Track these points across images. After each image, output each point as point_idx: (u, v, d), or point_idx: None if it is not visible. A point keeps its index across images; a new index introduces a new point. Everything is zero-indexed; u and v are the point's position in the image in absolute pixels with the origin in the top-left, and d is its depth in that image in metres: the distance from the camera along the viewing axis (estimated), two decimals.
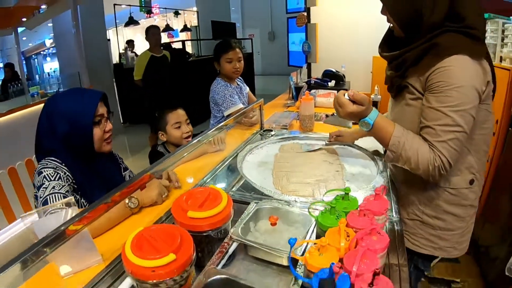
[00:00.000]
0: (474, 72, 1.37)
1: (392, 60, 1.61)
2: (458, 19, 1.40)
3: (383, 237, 1.04)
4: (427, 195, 1.66)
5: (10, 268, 0.88)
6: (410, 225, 1.75)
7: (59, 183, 1.65)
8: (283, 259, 1.22)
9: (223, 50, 3.28)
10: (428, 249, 1.74)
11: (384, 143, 1.51)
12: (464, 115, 1.36)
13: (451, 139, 1.38)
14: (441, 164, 1.39)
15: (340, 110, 1.52)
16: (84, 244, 1.28)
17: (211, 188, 1.35)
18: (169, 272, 0.97)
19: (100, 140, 1.84)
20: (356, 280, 0.88)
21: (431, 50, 1.42)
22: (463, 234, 1.72)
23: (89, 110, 1.76)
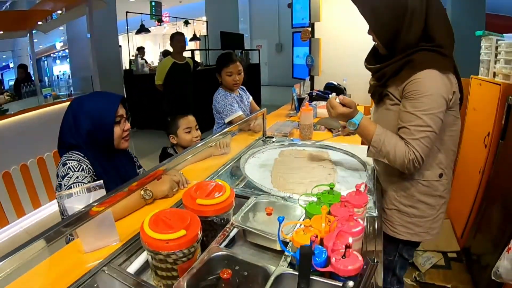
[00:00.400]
0: (442, 83, 1.66)
1: (375, 72, 1.88)
2: (430, 39, 1.69)
3: (358, 223, 1.25)
4: (403, 186, 1.93)
5: (37, 241, 1.08)
6: (389, 214, 2.01)
7: (82, 174, 1.86)
8: (277, 245, 1.42)
9: (224, 64, 3.52)
10: (405, 235, 1.99)
11: (367, 139, 1.79)
12: (433, 118, 1.65)
13: (423, 137, 1.66)
14: (414, 158, 1.66)
15: (332, 111, 1.82)
16: (106, 224, 1.50)
17: (217, 182, 1.56)
18: (180, 245, 1.18)
19: (119, 138, 2.07)
20: (332, 254, 1.09)
21: (407, 65, 1.71)
22: (435, 221, 1.98)
23: (111, 110, 2.00)
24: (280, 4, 18.25)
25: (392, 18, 1.70)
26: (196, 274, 1.20)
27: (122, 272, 1.32)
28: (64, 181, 1.83)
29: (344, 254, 1.08)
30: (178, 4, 18.56)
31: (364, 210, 1.45)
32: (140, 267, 1.42)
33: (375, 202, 1.79)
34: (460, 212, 3.53)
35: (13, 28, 8.41)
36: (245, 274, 1.24)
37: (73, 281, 1.26)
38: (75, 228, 1.24)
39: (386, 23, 1.72)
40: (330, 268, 1.08)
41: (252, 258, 1.30)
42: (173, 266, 1.22)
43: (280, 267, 1.21)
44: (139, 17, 12.72)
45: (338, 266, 1.06)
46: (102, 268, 1.34)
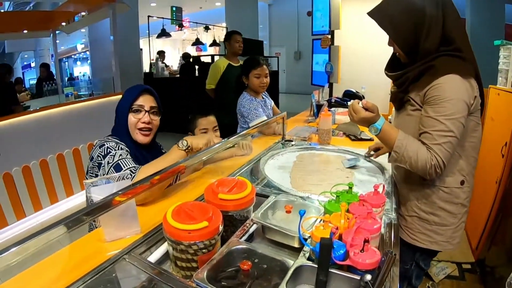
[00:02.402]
0: (463, 88, 1.67)
1: (397, 79, 1.90)
2: (449, 42, 1.70)
3: (376, 221, 1.28)
4: (424, 193, 1.92)
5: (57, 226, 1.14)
6: (409, 221, 2.00)
7: (124, 152, 1.94)
8: (295, 241, 1.44)
9: (252, 66, 3.57)
10: (425, 243, 1.97)
11: (389, 145, 1.78)
12: (455, 123, 1.65)
13: (445, 142, 1.65)
14: (436, 163, 1.65)
15: (354, 115, 1.80)
16: (129, 214, 1.54)
17: (239, 179, 1.60)
18: (202, 235, 1.21)
19: (133, 127, 2.10)
20: (350, 248, 1.12)
21: (428, 70, 1.72)
22: (456, 230, 1.96)
23: (129, 97, 2.09)
24: (300, 12, 18.30)
25: (411, 27, 1.73)
26: (216, 265, 1.23)
27: (142, 260, 1.35)
28: (107, 159, 1.89)
29: (362, 248, 1.10)
30: (198, 10, 18.71)
31: (382, 210, 1.48)
32: (159, 258, 1.45)
33: (392, 205, 1.81)
34: (475, 223, 3.51)
35: (38, 28, 8.54)
36: (264, 267, 1.26)
37: (93, 267, 1.30)
38: (96, 216, 1.29)
39: (405, 32, 1.76)
40: (348, 262, 1.11)
41: (271, 252, 1.33)
42: (193, 257, 1.25)
43: (300, 259, 1.23)
44: (159, 21, 12.85)
45: (357, 259, 1.09)
46: (122, 256, 1.38)
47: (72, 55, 19.82)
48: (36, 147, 5.10)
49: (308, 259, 1.25)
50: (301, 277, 1.20)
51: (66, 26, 8.36)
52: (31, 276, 1.30)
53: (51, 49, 16.27)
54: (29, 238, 1.05)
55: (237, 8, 13.45)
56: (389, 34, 1.82)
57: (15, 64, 18.82)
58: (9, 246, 1.01)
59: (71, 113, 5.50)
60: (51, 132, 5.23)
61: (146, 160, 2.09)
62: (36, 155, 5.06)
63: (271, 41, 19.97)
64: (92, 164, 1.95)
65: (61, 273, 1.35)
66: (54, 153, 5.29)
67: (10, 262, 1.01)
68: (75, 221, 1.18)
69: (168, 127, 8.81)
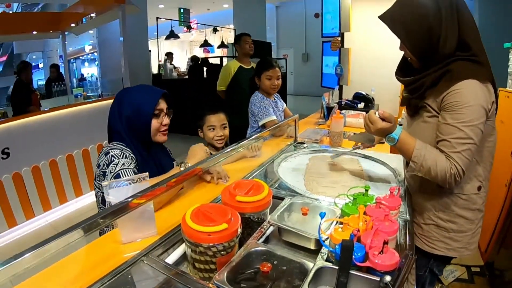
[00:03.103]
0: (482, 93, 1.63)
1: (410, 84, 1.87)
2: (466, 48, 1.68)
3: (393, 223, 1.29)
4: (442, 201, 1.88)
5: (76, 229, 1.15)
6: (426, 229, 1.97)
7: (127, 161, 1.95)
8: (311, 243, 1.45)
9: (265, 68, 3.60)
10: (443, 250, 1.94)
11: (407, 155, 1.74)
12: (474, 129, 1.61)
13: (464, 150, 1.62)
14: (456, 172, 1.62)
15: (371, 126, 1.76)
16: (146, 216, 1.55)
17: (256, 181, 1.61)
18: (221, 237, 1.22)
19: (156, 130, 2.14)
20: (370, 250, 1.13)
21: (445, 75, 1.69)
22: (473, 236, 1.94)
23: (151, 102, 2.09)
24: (307, 14, 18.30)
25: (425, 31, 1.69)
26: (235, 267, 1.24)
27: (160, 262, 1.37)
28: (110, 168, 1.91)
29: (382, 250, 1.11)
30: (206, 11, 18.73)
31: (397, 213, 1.49)
32: (176, 259, 1.47)
33: (406, 208, 1.81)
34: (485, 226, 3.49)
35: (47, 29, 8.57)
36: (284, 269, 1.27)
37: (110, 269, 1.31)
38: (116, 218, 1.30)
39: (419, 37, 1.72)
40: (368, 263, 1.12)
41: (289, 254, 1.34)
42: (212, 259, 1.26)
43: (321, 261, 1.24)
44: (167, 23, 12.87)
45: (376, 261, 1.10)
46: (140, 258, 1.39)
47: (80, 56, 19.90)
48: (46, 147, 5.13)
49: (326, 260, 1.26)
50: (321, 278, 1.20)
51: (75, 28, 8.38)
52: (49, 276, 1.32)
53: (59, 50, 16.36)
54: (49, 241, 1.06)
55: (245, 10, 13.44)
56: (402, 39, 1.79)
57: None
58: (29, 248, 1.02)
59: (81, 113, 5.52)
60: (60, 132, 5.26)
61: (154, 161, 2.18)
62: (45, 155, 5.10)
63: (278, 42, 19.98)
64: (99, 172, 1.98)
65: (78, 274, 1.37)
66: (64, 153, 5.33)
67: (30, 264, 1.02)
68: (94, 224, 1.20)
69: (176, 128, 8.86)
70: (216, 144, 2.88)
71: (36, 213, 5.00)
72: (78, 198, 5.57)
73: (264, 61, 3.75)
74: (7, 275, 0.96)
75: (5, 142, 4.58)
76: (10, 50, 17.75)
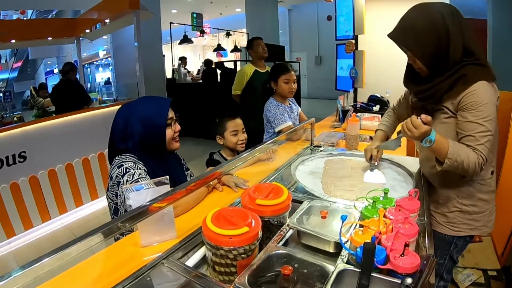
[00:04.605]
0: (492, 91, 1.85)
1: (424, 91, 2.01)
2: (470, 52, 1.84)
3: (413, 226, 1.29)
4: (465, 189, 2.07)
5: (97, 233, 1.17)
6: (451, 216, 2.15)
7: (143, 172, 1.95)
8: (330, 247, 1.47)
9: (281, 72, 3.62)
10: (467, 230, 2.14)
11: (442, 153, 1.83)
12: (491, 123, 1.81)
13: (486, 141, 1.80)
14: (482, 161, 1.80)
15: (415, 131, 1.81)
16: (166, 220, 1.58)
17: (275, 184, 1.63)
18: (242, 241, 1.23)
19: (171, 139, 2.17)
20: (391, 253, 1.14)
21: (460, 80, 1.85)
22: (491, 214, 2.14)
23: (163, 113, 2.10)
24: (320, 16, 18.28)
25: (436, 43, 1.85)
26: (256, 270, 1.25)
27: (181, 265, 1.39)
28: (126, 177, 1.91)
29: (403, 252, 1.12)
30: (218, 16, 18.82)
31: (417, 215, 1.50)
32: (196, 262, 1.49)
33: (425, 210, 1.83)
34: (501, 230, 3.48)
35: (62, 35, 8.67)
36: (304, 272, 1.28)
37: (131, 272, 1.34)
38: (137, 222, 1.32)
39: (431, 49, 1.87)
40: (389, 266, 1.13)
41: (309, 257, 1.35)
42: (232, 262, 1.27)
43: (342, 264, 1.25)
44: (180, 27, 12.94)
45: (398, 263, 1.11)
46: (161, 261, 1.41)
47: (94, 61, 20.03)
48: (62, 151, 5.20)
49: (346, 263, 1.27)
50: (342, 281, 1.21)
51: (90, 33, 8.45)
52: (70, 278, 1.35)
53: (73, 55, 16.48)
54: (70, 244, 1.08)
55: (258, 14, 13.43)
56: (415, 53, 1.93)
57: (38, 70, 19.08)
58: (51, 251, 1.05)
59: (96, 118, 5.57)
60: (76, 136, 5.32)
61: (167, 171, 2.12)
62: (62, 159, 5.17)
63: (291, 46, 19.96)
64: (112, 183, 1.99)
65: (99, 276, 1.40)
66: (80, 157, 5.39)
67: (52, 267, 1.04)
68: (114, 228, 1.22)
69: (191, 132, 8.91)
70: (239, 148, 2.96)
71: (52, 215, 5.06)
72: (93, 201, 5.64)
73: (280, 65, 3.77)
74: (29, 277, 0.98)
75: (22, 145, 4.65)
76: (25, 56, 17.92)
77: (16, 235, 4.62)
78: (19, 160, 4.60)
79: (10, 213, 4.55)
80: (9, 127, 4.84)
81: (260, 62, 5.19)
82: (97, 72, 20.36)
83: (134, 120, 2.05)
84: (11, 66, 17.85)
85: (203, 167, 2.92)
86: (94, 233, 1.13)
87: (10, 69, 17.82)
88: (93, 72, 20.35)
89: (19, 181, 4.62)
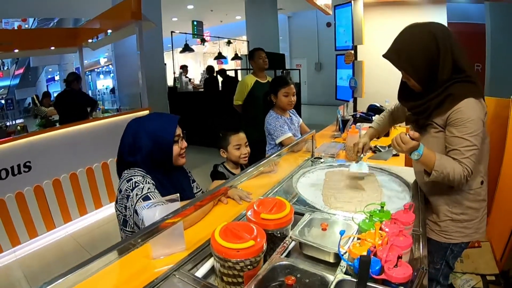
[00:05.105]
0: (478, 108, 1.94)
1: (415, 107, 2.15)
2: (459, 70, 1.95)
3: (407, 238, 1.38)
4: (454, 198, 2.17)
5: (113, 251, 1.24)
6: (443, 225, 2.24)
7: (152, 186, 2.03)
8: (330, 257, 1.55)
9: (281, 85, 3.70)
10: (459, 238, 2.23)
11: (429, 166, 1.95)
12: (477, 138, 1.91)
13: (471, 155, 1.90)
14: (468, 173, 1.90)
15: (403, 146, 1.93)
16: (176, 234, 1.66)
17: (278, 199, 1.72)
18: (249, 253, 1.32)
19: (177, 155, 2.25)
20: (385, 264, 1.23)
21: (448, 98, 1.96)
22: (481, 221, 2.23)
23: (170, 130, 2.18)
24: (319, 23, 18.33)
25: (429, 63, 1.96)
26: (261, 280, 1.34)
27: (192, 276, 1.47)
28: (136, 191, 1.97)
29: (396, 263, 1.21)
30: (219, 23, 18.91)
31: (411, 227, 1.60)
32: (205, 273, 1.56)
33: (420, 221, 1.92)
34: (500, 235, 3.52)
35: (64, 44, 8.76)
36: (306, 281, 1.37)
37: (143, 284, 1.42)
38: (151, 238, 1.39)
39: (424, 69, 1.99)
40: (384, 276, 1.23)
41: (310, 267, 1.44)
42: (239, 273, 1.36)
43: (340, 274, 1.34)
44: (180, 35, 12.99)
45: (391, 274, 1.20)
46: (172, 273, 1.49)
47: (95, 68, 20.13)
48: (66, 161, 5.26)
49: (345, 273, 1.36)
50: None
51: (92, 43, 8.53)
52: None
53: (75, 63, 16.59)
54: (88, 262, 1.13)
55: (258, 21, 13.48)
56: (409, 73, 2.06)
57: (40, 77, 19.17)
58: (71, 269, 1.08)
59: (100, 128, 5.63)
60: (80, 146, 5.39)
61: (174, 184, 2.25)
62: (66, 168, 5.23)
63: (291, 53, 19.99)
64: (121, 196, 2.04)
65: None
66: (84, 166, 5.45)
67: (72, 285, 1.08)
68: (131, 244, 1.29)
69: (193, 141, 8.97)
70: (242, 161, 3.06)
71: (56, 224, 5.12)
72: (97, 210, 5.69)
73: (279, 78, 3.88)
74: None
75: (26, 155, 4.71)
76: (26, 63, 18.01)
77: (21, 244, 4.68)
78: (24, 170, 4.66)
79: (15, 222, 4.61)
80: (14, 137, 4.92)
81: (261, 73, 5.28)
82: (98, 80, 20.46)
83: (143, 135, 2.13)
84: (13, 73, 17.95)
85: (205, 175, 3.00)
86: (110, 250, 1.19)
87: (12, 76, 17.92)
88: (94, 80, 20.44)
89: (24, 191, 4.68)
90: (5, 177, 4.47)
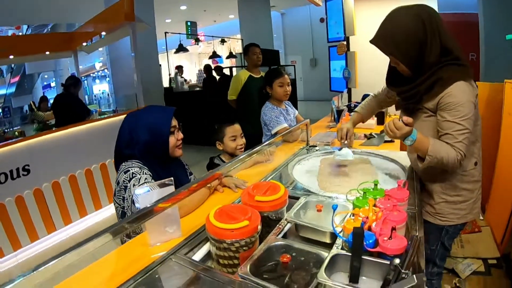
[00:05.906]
0: (469, 91, 1.94)
1: (406, 92, 2.12)
2: (447, 52, 1.93)
3: (401, 213, 1.39)
4: (448, 181, 2.19)
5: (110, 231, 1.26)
6: (438, 208, 2.27)
7: (149, 177, 2.05)
8: (326, 237, 1.57)
9: (275, 76, 3.74)
10: (454, 220, 2.26)
11: (423, 151, 1.95)
12: (468, 121, 1.91)
13: (464, 139, 1.91)
14: (461, 157, 1.92)
15: (397, 132, 1.92)
16: (173, 220, 1.68)
17: (272, 182, 1.74)
18: (243, 233, 1.34)
19: (174, 147, 2.27)
20: (379, 237, 1.24)
21: (437, 82, 1.95)
22: (475, 202, 2.26)
23: (166, 122, 2.20)
24: (313, 19, 18.31)
25: (416, 46, 1.94)
26: (257, 260, 1.36)
27: (188, 259, 1.49)
28: (133, 182, 2.00)
29: (390, 235, 1.22)
30: (212, 23, 18.89)
31: (406, 204, 1.61)
32: (201, 258, 1.58)
33: (416, 200, 1.94)
34: (499, 218, 3.53)
35: (60, 49, 8.76)
36: (302, 259, 1.39)
37: (142, 268, 1.43)
38: (144, 221, 1.40)
39: (412, 53, 1.96)
40: (378, 249, 1.23)
41: (306, 246, 1.46)
42: (235, 255, 1.37)
43: (335, 249, 1.35)
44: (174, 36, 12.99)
45: (386, 245, 1.21)
46: (169, 257, 1.51)
47: (90, 73, 20.14)
48: (65, 163, 5.26)
49: (341, 250, 1.37)
50: (336, 265, 1.32)
51: (86, 46, 8.54)
52: (86, 276, 1.45)
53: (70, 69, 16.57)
54: (85, 242, 1.15)
55: (251, 19, 13.49)
56: (397, 57, 2.03)
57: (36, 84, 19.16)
58: (67, 249, 1.10)
59: (97, 129, 5.64)
60: (79, 148, 5.39)
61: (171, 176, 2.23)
62: (65, 171, 5.22)
63: (286, 49, 19.96)
64: (119, 188, 2.07)
65: (113, 273, 1.50)
66: (82, 168, 5.45)
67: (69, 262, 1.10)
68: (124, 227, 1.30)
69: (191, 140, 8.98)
70: (238, 152, 3.05)
71: (57, 226, 5.13)
72: (97, 211, 5.70)
73: (273, 70, 3.88)
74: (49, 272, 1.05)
75: (25, 159, 4.70)
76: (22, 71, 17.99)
77: (22, 247, 4.68)
78: (23, 173, 4.66)
79: (16, 226, 4.61)
80: (12, 141, 4.92)
81: (254, 68, 5.30)
82: (94, 84, 20.47)
83: (139, 128, 2.16)
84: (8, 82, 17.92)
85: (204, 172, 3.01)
86: (106, 231, 1.20)
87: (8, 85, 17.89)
88: (90, 85, 20.45)
89: (24, 194, 4.68)
90: (4, 181, 4.47)
